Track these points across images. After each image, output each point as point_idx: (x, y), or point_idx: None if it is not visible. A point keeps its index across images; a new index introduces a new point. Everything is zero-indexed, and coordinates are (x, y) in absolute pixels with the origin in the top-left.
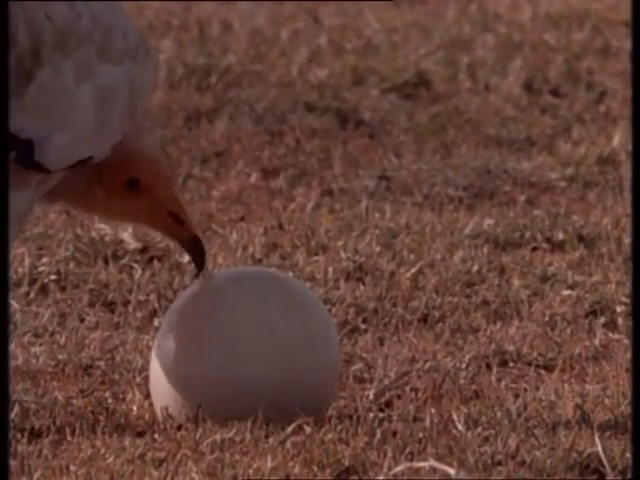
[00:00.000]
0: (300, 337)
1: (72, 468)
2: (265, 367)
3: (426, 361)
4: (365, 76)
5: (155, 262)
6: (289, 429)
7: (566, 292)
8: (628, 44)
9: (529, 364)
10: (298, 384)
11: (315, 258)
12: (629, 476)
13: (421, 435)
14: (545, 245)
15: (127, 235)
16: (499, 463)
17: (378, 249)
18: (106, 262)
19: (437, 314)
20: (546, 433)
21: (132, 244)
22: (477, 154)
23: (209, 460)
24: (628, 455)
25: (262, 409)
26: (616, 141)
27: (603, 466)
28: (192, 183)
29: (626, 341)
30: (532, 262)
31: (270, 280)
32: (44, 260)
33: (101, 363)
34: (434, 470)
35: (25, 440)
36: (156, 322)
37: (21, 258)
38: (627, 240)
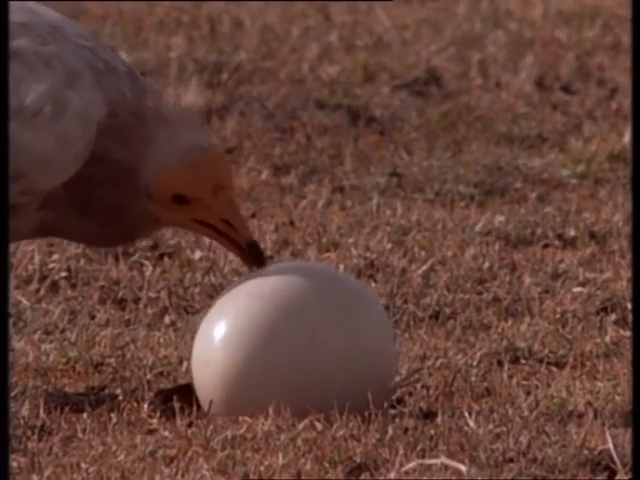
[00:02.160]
0: (348, 347)
1: (83, 465)
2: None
3: (437, 358)
4: (376, 73)
5: (166, 259)
6: (300, 426)
7: (577, 289)
8: None
9: (540, 361)
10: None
11: (326, 255)
12: None
13: (432, 432)
14: (556, 242)
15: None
16: (510, 460)
17: (389, 246)
18: (117, 259)
19: (448, 311)
20: (557, 430)
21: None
22: (488, 151)
23: (220, 457)
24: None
25: (273, 405)
26: (627, 138)
27: (614, 463)
28: None
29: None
30: (543, 259)
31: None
32: (54, 257)
33: (112, 360)
34: (445, 467)
35: (35, 437)
36: (167, 319)
37: (31, 255)
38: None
